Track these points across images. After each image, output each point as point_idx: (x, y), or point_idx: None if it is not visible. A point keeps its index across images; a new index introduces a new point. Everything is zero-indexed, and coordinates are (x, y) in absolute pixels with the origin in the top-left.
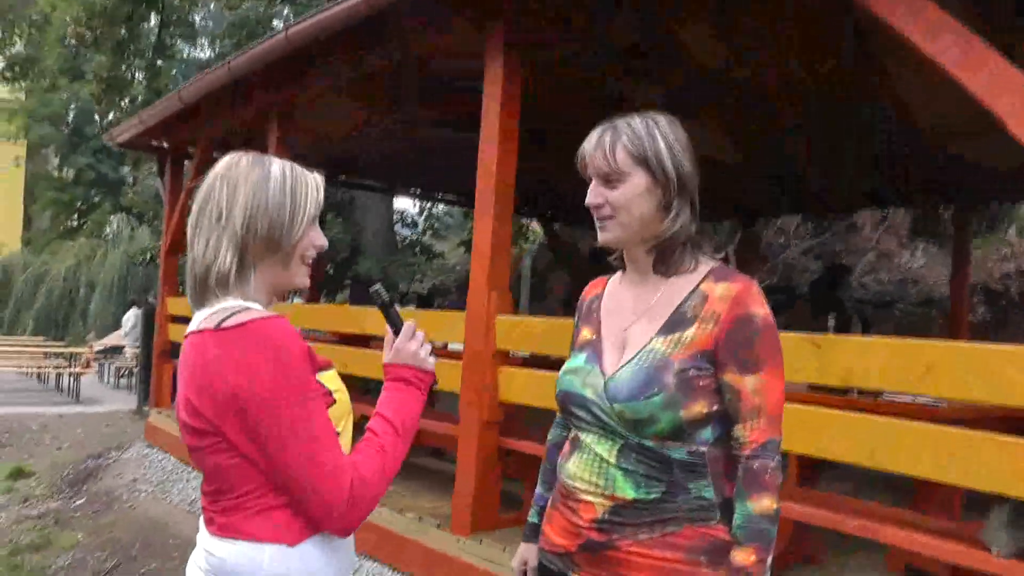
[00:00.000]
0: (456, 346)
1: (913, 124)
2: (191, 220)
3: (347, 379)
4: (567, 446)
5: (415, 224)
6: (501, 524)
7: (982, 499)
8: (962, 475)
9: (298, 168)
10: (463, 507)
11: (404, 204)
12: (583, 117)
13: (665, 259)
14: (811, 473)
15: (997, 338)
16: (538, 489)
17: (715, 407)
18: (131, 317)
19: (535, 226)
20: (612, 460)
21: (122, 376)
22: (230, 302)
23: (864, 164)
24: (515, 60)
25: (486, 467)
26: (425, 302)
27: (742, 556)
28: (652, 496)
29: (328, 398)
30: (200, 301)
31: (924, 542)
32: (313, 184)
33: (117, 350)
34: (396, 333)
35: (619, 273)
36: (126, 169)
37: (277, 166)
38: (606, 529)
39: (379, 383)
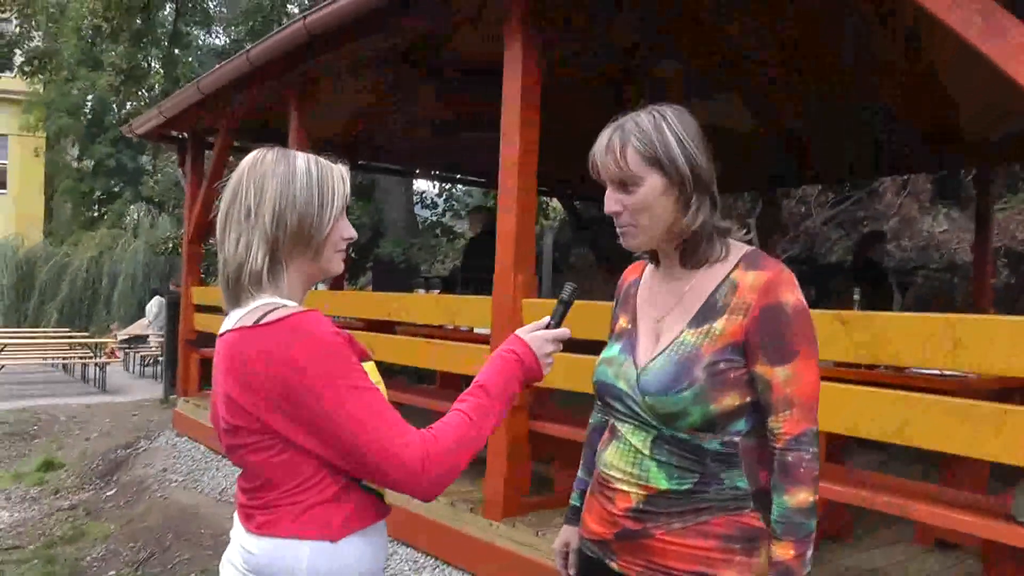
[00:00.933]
0: (482, 330)
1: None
2: (219, 220)
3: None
4: (606, 434)
5: (435, 205)
6: (533, 507)
7: (1011, 467)
8: (993, 449)
9: (323, 161)
10: (494, 492)
11: (424, 185)
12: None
13: (691, 254)
14: (840, 447)
15: (1022, 301)
16: (580, 472)
17: (748, 398)
18: (155, 305)
19: (555, 203)
20: (647, 451)
21: (147, 365)
22: (265, 299)
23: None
24: (536, 43)
25: (516, 451)
26: (447, 284)
27: (781, 551)
28: (685, 486)
29: None
30: (235, 300)
31: (954, 518)
32: (339, 176)
33: (142, 339)
34: (549, 326)
35: None
36: (145, 158)
37: (302, 160)
38: (640, 518)
39: (403, 368)
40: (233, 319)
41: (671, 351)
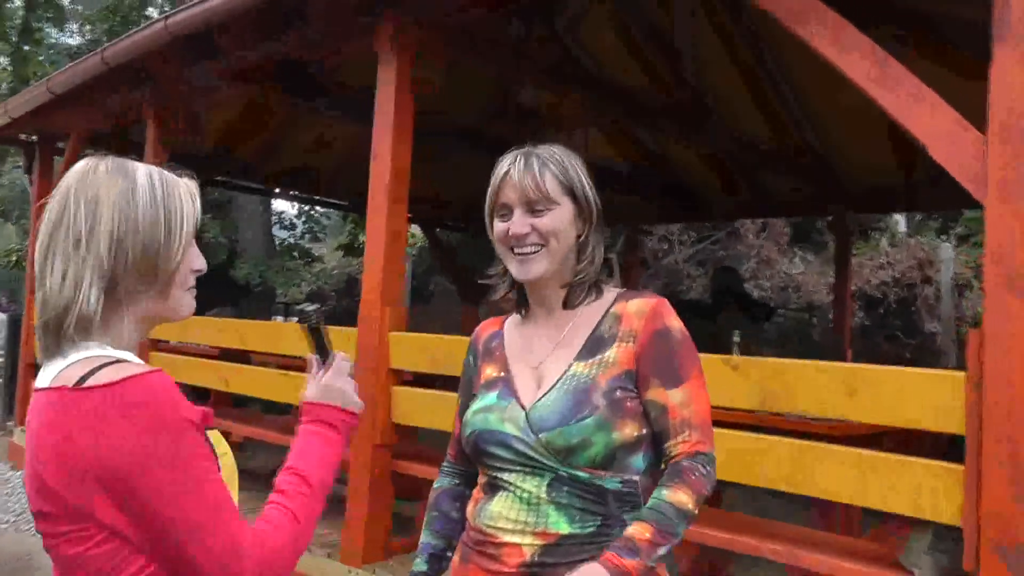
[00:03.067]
0: None
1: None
2: (39, 248)
3: (225, 396)
4: (478, 492)
5: (293, 226)
6: (395, 551)
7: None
8: (883, 499)
9: (168, 174)
10: (354, 536)
11: (282, 205)
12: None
13: (575, 295)
14: (718, 491)
15: (876, 342)
16: (425, 536)
17: (644, 430)
18: None
19: (415, 229)
20: (543, 495)
21: None
22: (94, 350)
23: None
24: (410, 60)
25: (378, 493)
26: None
27: (636, 529)
28: (588, 530)
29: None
30: (54, 350)
31: (843, 566)
32: (187, 193)
33: None
34: (322, 363)
35: (514, 315)
36: None
37: (143, 173)
38: (536, 572)
39: (256, 400)
40: (51, 372)
41: (563, 384)
